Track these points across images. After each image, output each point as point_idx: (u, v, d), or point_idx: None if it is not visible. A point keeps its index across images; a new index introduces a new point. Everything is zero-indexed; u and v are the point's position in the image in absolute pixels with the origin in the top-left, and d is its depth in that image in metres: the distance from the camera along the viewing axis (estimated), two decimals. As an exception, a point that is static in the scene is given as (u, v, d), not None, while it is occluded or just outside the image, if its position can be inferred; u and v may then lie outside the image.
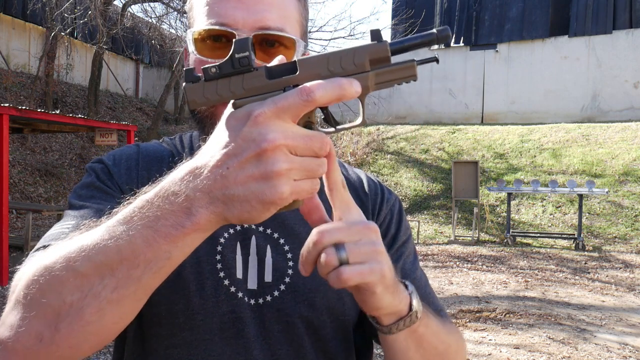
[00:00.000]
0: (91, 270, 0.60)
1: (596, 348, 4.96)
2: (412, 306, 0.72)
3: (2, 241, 6.75)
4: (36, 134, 13.48)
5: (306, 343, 0.87)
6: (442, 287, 7.38)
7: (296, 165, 0.55)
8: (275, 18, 0.83)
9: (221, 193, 0.55)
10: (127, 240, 0.58)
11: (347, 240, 0.63)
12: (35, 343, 0.62)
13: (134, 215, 0.59)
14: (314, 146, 0.56)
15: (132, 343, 0.88)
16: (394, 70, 0.60)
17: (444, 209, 13.36)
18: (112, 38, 16.69)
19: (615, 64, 16.47)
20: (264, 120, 0.54)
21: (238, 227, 0.89)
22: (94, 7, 13.20)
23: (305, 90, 0.55)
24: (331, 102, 0.56)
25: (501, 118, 17.65)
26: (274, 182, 0.54)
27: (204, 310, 0.84)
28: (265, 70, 0.59)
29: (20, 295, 0.63)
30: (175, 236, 0.57)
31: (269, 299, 0.86)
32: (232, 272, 0.86)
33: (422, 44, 0.62)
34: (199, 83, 0.59)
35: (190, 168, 0.58)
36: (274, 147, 0.54)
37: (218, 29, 0.83)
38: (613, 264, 9.04)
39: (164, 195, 0.58)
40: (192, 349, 0.84)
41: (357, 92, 0.57)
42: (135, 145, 0.97)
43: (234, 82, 0.59)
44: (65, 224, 0.81)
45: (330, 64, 0.58)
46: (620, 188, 12.42)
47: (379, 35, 0.60)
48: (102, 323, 0.61)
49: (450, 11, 19.15)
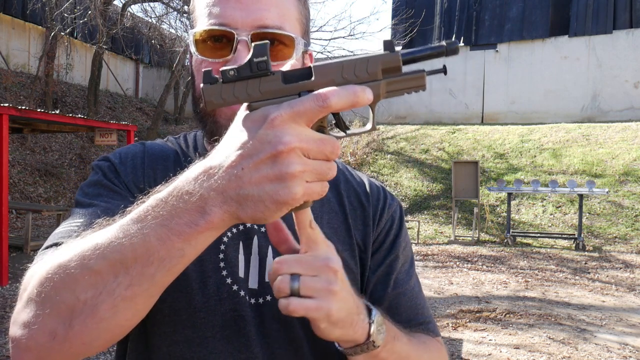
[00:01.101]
0: (106, 268, 0.61)
1: (596, 348, 4.96)
2: (370, 336, 0.74)
3: (2, 241, 6.75)
4: (36, 134, 13.48)
5: (304, 343, 0.88)
6: (442, 287, 7.38)
7: (309, 168, 0.57)
8: (274, 17, 0.84)
9: (235, 193, 0.57)
10: (141, 238, 0.60)
11: (304, 274, 0.67)
12: (48, 340, 0.63)
13: (147, 214, 0.60)
14: (326, 150, 0.58)
15: (136, 340, 0.89)
16: (405, 80, 0.62)
17: (444, 209, 13.36)
18: (112, 38, 16.69)
19: (616, 64, 16.47)
20: (281, 123, 0.56)
21: (241, 227, 0.90)
22: (94, 7, 13.20)
23: (322, 96, 0.56)
24: (345, 108, 0.58)
25: (501, 118, 17.66)
26: (288, 183, 0.56)
27: (206, 308, 0.84)
28: (282, 75, 0.61)
29: (34, 293, 0.64)
30: (189, 234, 0.59)
31: (269, 299, 0.87)
32: (235, 271, 0.87)
33: (432, 55, 0.65)
34: (217, 85, 0.61)
35: (205, 168, 0.59)
36: (289, 150, 0.56)
37: (217, 29, 0.84)
38: (613, 264, 9.04)
39: (178, 195, 0.59)
40: (194, 346, 0.85)
41: (370, 100, 0.59)
42: (141, 144, 0.98)
43: (251, 85, 0.60)
44: (74, 222, 0.82)
45: (345, 71, 0.61)
46: (620, 188, 12.42)
47: (392, 45, 0.62)
48: (116, 320, 0.63)
49: (450, 11, 19.15)
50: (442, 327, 5.57)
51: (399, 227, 1.00)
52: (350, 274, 0.92)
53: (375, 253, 0.97)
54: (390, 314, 0.99)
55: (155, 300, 0.65)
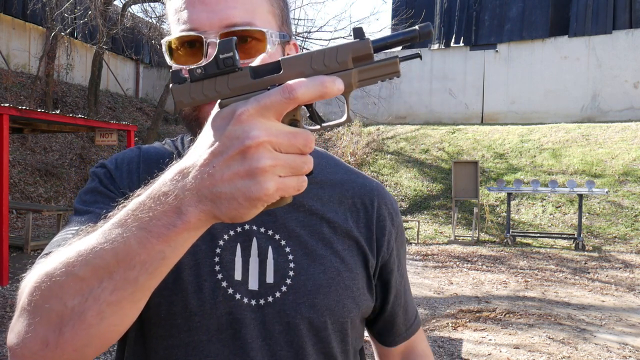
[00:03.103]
0: (90, 274, 0.61)
1: (596, 348, 4.96)
2: None
3: (2, 241, 6.75)
4: (36, 134, 13.47)
5: (306, 344, 0.88)
6: (442, 287, 7.39)
7: (281, 162, 0.56)
8: (241, 13, 0.83)
9: (209, 191, 0.56)
10: (122, 242, 0.59)
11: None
12: (41, 348, 0.63)
13: (127, 217, 0.60)
14: (298, 143, 0.56)
15: (134, 344, 0.90)
16: (377, 67, 0.60)
17: (444, 209, 13.36)
18: (112, 38, 16.68)
19: (615, 64, 16.47)
20: (247, 118, 0.55)
21: (239, 229, 0.90)
22: (94, 7, 13.20)
23: (288, 88, 0.55)
24: (313, 99, 0.56)
25: (501, 118, 17.65)
26: (259, 179, 0.55)
27: (202, 312, 0.85)
28: (250, 70, 0.60)
29: (25, 302, 0.65)
30: (168, 236, 0.58)
31: (270, 300, 0.87)
32: (231, 274, 0.87)
33: (404, 40, 0.62)
34: (185, 84, 0.61)
35: (180, 168, 0.59)
36: (257, 144, 0.54)
37: (186, 35, 0.83)
38: (613, 264, 9.04)
39: (155, 196, 0.59)
40: (190, 350, 0.85)
41: (340, 90, 0.58)
42: (137, 148, 0.98)
43: (220, 82, 0.60)
44: (69, 230, 0.82)
45: (314, 62, 0.59)
46: (620, 188, 12.42)
47: (362, 32, 0.60)
48: (103, 326, 0.62)
49: (450, 11, 19.15)
50: (442, 327, 5.57)
51: (397, 229, 1.02)
52: (350, 273, 0.93)
53: (380, 261, 0.99)
54: (389, 319, 1.06)
55: (142, 305, 0.65)
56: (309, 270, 0.89)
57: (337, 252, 0.93)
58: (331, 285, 0.90)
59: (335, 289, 0.90)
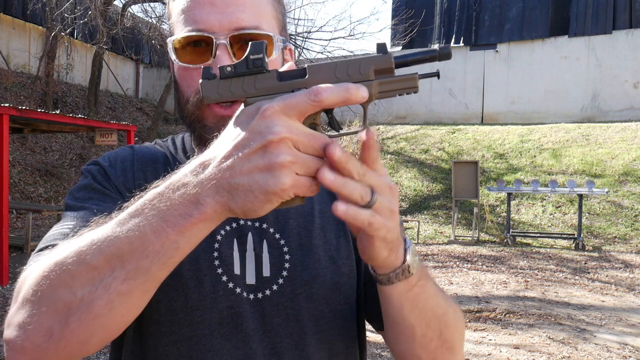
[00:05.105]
0: (102, 262, 0.61)
1: (596, 348, 4.96)
2: (406, 260, 0.73)
3: (2, 241, 6.76)
4: (36, 134, 13.47)
5: (306, 334, 0.89)
6: (442, 287, 7.38)
7: (299, 160, 0.57)
8: (250, 17, 0.84)
9: (227, 182, 0.58)
10: (138, 231, 0.60)
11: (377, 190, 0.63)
12: (45, 340, 0.63)
13: (144, 207, 0.61)
14: (316, 145, 0.59)
15: (132, 342, 0.89)
16: (397, 81, 0.64)
17: (444, 209, 13.37)
18: (112, 38, 16.68)
19: (615, 64, 16.47)
20: (271, 114, 0.57)
21: (234, 224, 0.91)
22: (94, 7, 13.20)
23: (314, 91, 0.57)
24: (337, 104, 0.59)
25: (501, 118, 17.66)
26: (276, 173, 0.56)
27: (203, 306, 0.85)
28: (277, 73, 0.63)
29: (29, 293, 0.64)
30: (183, 226, 0.59)
31: (268, 293, 0.88)
32: (230, 268, 0.88)
33: (424, 59, 0.67)
34: (214, 80, 0.63)
35: (201, 161, 0.61)
36: (279, 140, 0.56)
37: (195, 35, 0.84)
38: (613, 264, 9.05)
39: (175, 187, 0.60)
40: (192, 345, 0.85)
41: (364, 98, 0.60)
42: (129, 147, 0.99)
43: (247, 81, 0.62)
44: (65, 225, 0.82)
45: (338, 71, 0.62)
46: (620, 188, 12.43)
47: (385, 48, 0.64)
48: (111, 316, 0.63)
49: (450, 11, 19.16)
50: (442, 327, 5.57)
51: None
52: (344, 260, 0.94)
53: None
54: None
55: (150, 296, 0.65)
56: (304, 262, 0.90)
57: (330, 241, 0.94)
58: (327, 274, 0.91)
59: (331, 277, 0.91)
